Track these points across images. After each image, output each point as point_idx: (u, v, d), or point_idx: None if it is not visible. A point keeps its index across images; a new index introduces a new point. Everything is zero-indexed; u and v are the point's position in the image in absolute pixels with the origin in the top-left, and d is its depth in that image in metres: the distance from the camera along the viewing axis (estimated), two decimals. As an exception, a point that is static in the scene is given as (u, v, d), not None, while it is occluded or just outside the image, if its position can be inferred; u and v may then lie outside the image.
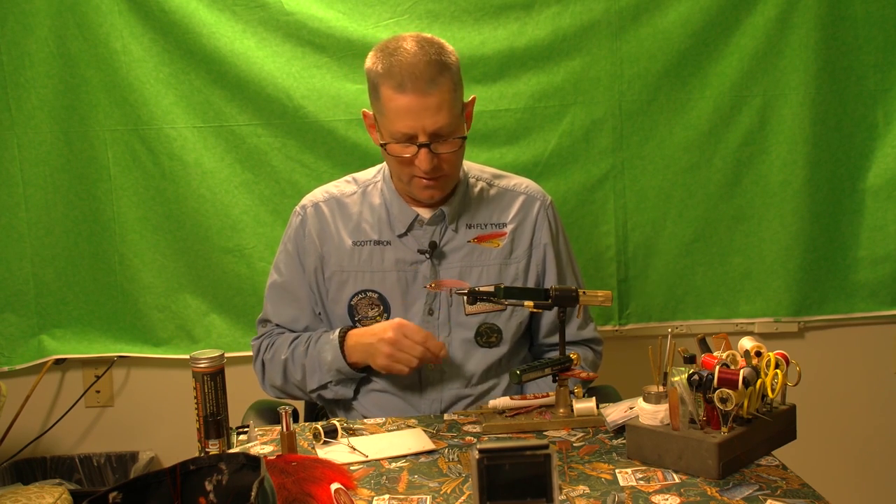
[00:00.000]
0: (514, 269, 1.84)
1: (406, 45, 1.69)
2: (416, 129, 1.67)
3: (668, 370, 1.41)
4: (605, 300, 1.63)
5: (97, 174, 2.44)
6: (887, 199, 2.49)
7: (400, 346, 1.67)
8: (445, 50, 1.71)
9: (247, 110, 2.41)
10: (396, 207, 1.82)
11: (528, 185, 1.91)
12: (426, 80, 1.65)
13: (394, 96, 1.67)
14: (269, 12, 2.37)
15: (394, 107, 1.67)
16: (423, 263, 1.80)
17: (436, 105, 1.66)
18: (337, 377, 1.78)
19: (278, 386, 1.87)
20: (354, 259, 1.82)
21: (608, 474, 1.37)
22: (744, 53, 2.42)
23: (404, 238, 1.81)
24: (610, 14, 2.40)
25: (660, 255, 2.51)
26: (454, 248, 1.82)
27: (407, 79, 1.65)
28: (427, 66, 1.66)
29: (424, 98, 1.65)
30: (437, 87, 1.66)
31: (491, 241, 1.83)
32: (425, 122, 1.66)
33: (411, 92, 1.65)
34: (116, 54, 2.37)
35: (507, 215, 1.85)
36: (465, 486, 1.35)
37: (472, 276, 1.81)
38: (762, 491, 1.29)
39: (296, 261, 1.87)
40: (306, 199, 1.90)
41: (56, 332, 2.51)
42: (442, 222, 1.82)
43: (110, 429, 2.61)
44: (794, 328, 2.57)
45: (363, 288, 1.81)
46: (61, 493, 2.17)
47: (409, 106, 1.66)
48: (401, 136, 1.68)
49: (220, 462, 1.15)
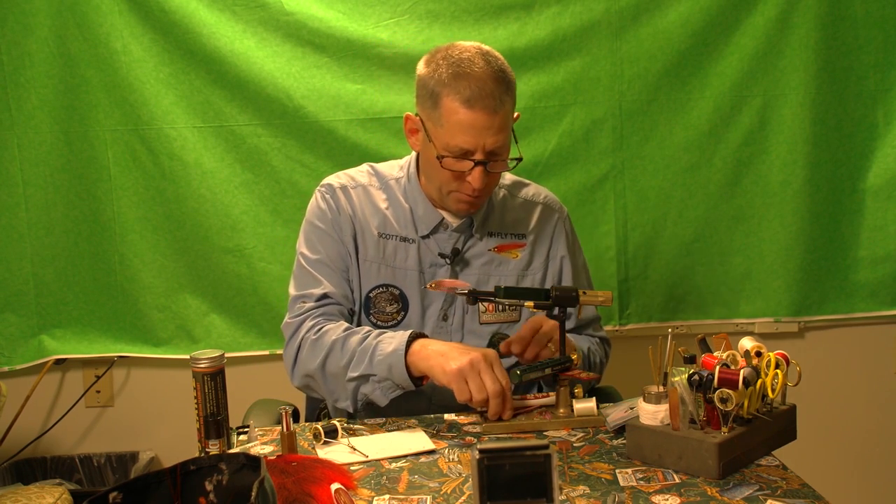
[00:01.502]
0: (531, 280, 1.83)
1: (473, 57, 1.65)
2: (477, 147, 1.64)
3: (669, 370, 1.41)
4: (606, 300, 1.63)
5: (97, 174, 2.44)
6: (887, 199, 2.49)
7: (485, 373, 1.53)
8: (507, 67, 1.68)
9: (247, 110, 2.41)
10: (422, 208, 1.79)
11: (546, 196, 1.90)
12: (496, 99, 1.62)
13: (459, 110, 1.62)
14: (269, 12, 2.37)
15: (457, 120, 1.63)
16: (442, 267, 1.79)
17: (499, 125, 1.64)
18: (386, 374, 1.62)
19: (310, 372, 1.70)
20: (380, 251, 1.78)
21: (608, 474, 1.37)
22: (744, 53, 2.42)
23: (427, 240, 1.80)
24: (610, 14, 2.40)
25: (660, 256, 2.51)
26: (475, 255, 1.80)
27: (476, 94, 1.61)
28: (496, 84, 1.63)
29: (491, 117, 1.62)
30: (504, 106, 1.64)
31: (510, 251, 1.82)
32: (487, 140, 1.64)
33: (480, 110, 1.62)
34: (116, 54, 2.37)
35: (527, 226, 1.84)
36: (465, 486, 1.35)
37: (489, 285, 1.77)
38: (762, 491, 1.29)
39: (332, 235, 1.77)
40: (332, 180, 1.83)
41: (56, 332, 2.51)
42: (468, 230, 1.80)
43: (110, 429, 2.61)
44: (794, 328, 2.57)
45: (385, 282, 1.78)
46: (61, 493, 2.17)
47: (474, 122, 1.62)
48: (458, 150, 1.65)
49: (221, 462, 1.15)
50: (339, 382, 1.68)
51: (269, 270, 2.47)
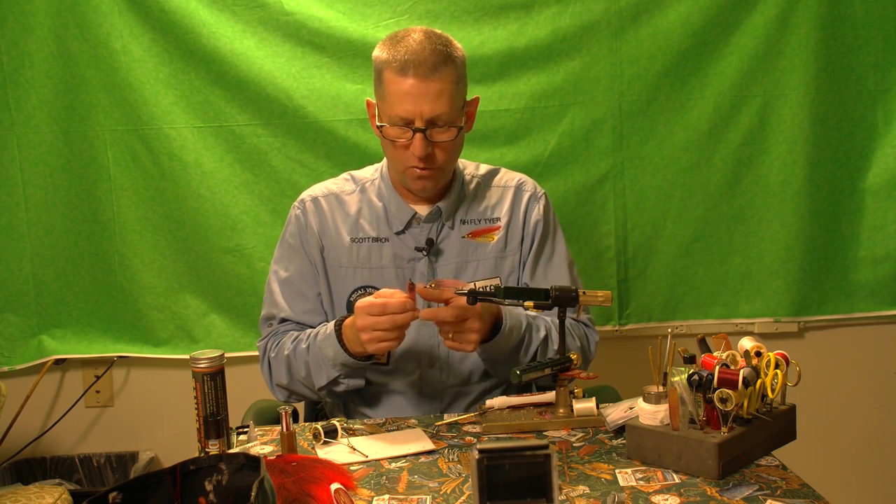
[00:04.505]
0: (510, 262, 1.84)
1: (414, 34, 1.72)
2: (414, 114, 1.68)
3: (668, 370, 1.41)
4: (605, 300, 1.63)
5: (97, 174, 2.44)
6: (887, 199, 2.49)
7: (371, 327, 1.58)
8: (452, 44, 1.74)
9: (247, 110, 2.41)
10: (394, 205, 1.83)
11: (520, 179, 1.92)
12: (429, 66, 1.67)
13: (396, 79, 1.68)
14: (269, 12, 2.37)
15: (395, 90, 1.69)
16: (420, 260, 1.81)
17: (436, 92, 1.68)
18: (344, 371, 1.73)
19: (285, 385, 1.82)
20: (353, 255, 1.82)
21: (608, 474, 1.37)
22: (744, 53, 2.42)
23: (402, 235, 1.82)
24: (610, 14, 2.40)
25: (660, 255, 2.51)
26: (450, 244, 1.83)
27: (410, 63, 1.67)
28: (432, 53, 1.68)
29: (425, 83, 1.67)
30: (439, 74, 1.68)
31: (485, 235, 1.84)
32: (423, 107, 1.68)
33: (413, 76, 1.67)
34: (116, 54, 2.37)
35: (500, 209, 1.87)
36: (465, 486, 1.35)
37: (467, 271, 1.81)
38: (762, 491, 1.29)
39: (301, 253, 1.86)
40: (305, 195, 1.90)
41: (56, 332, 2.51)
42: (438, 219, 1.83)
43: (110, 429, 2.61)
44: (794, 328, 2.57)
45: (362, 284, 1.82)
46: (61, 493, 2.17)
47: (409, 90, 1.67)
48: (398, 119, 1.70)
49: (220, 462, 1.15)
50: (312, 388, 1.78)
51: (268, 270, 2.46)
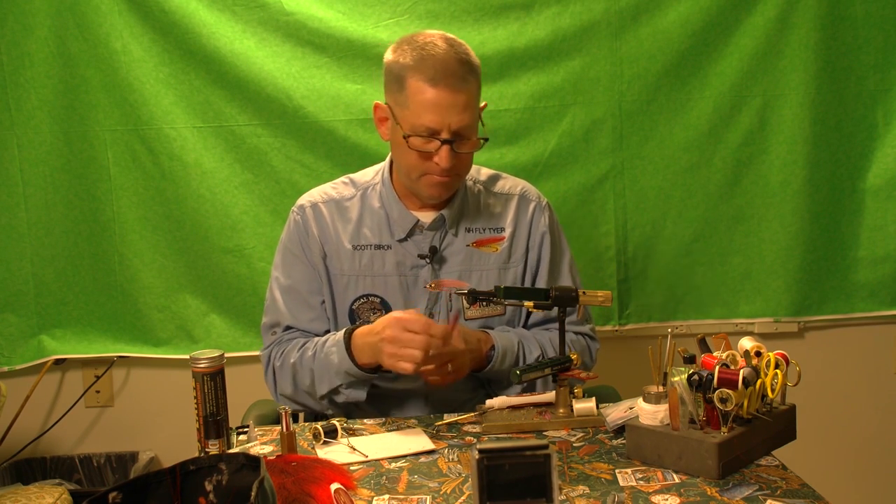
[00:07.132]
0: (514, 272, 1.84)
1: (436, 41, 1.69)
2: (442, 126, 1.66)
3: (668, 370, 1.41)
4: (605, 300, 1.63)
5: (97, 174, 2.44)
6: (887, 199, 2.49)
7: (401, 343, 1.57)
8: (471, 52, 1.72)
9: (247, 110, 2.41)
10: (396, 212, 1.80)
11: (523, 187, 1.91)
12: (459, 77, 1.66)
13: (424, 89, 1.65)
14: (269, 12, 2.37)
15: (422, 100, 1.66)
16: (423, 268, 1.80)
17: (464, 103, 1.67)
18: (347, 380, 1.71)
19: (289, 395, 1.79)
20: (355, 263, 1.80)
21: (608, 474, 1.37)
22: (744, 53, 2.42)
23: (404, 243, 1.80)
24: (610, 14, 2.40)
25: (660, 256, 2.51)
26: (454, 252, 1.81)
27: (440, 73, 1.65)
28: (459, 63, 1.67)
29: (455, 95, 1.65)
30: (467, 85, 1.67)
31: (489, 245, 1.83)
32: (452, 118, 1.66)
33: (443, 87, 1.65)
34: (116, 54, 2.37)
35: (505, 219, 1.85)
36: (465, 486, 1.35)
37: (471, 280, 1.80)
38: (762, 491, 1.29)
39: (303, 260, 1.83)
40: (303, 200, 1.87)
41: (56, 332, 2.51)
42: (442, 227, 1.81)
43: (110, 429, 2.61)
44: (794, 328, 2.57)
45: (365, 292, 1.80)
46: (61, 493, 2.17)
47: (438, 100, 1.65)
48: (424, 130, 1.67)
49: (220, 462, 1.15)
50: (314, 397, 1.77)
51: (268, 270, 2.44)
